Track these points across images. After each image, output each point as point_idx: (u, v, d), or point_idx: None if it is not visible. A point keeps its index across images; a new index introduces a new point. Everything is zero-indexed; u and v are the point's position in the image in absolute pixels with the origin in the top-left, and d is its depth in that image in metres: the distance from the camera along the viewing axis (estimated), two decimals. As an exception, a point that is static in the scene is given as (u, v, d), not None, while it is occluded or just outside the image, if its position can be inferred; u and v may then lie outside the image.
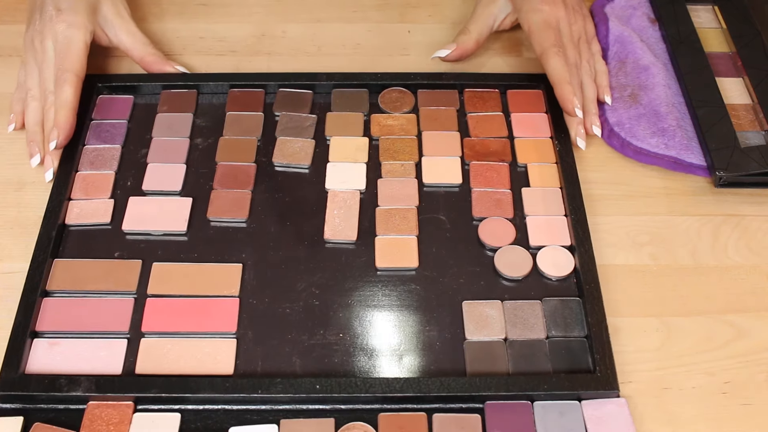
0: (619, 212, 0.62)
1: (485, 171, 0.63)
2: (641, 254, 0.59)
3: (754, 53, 0.69)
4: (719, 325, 0.56)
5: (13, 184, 0.63)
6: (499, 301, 0.56)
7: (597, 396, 0.52)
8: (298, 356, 0.54)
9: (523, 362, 0.54)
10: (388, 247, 0.58)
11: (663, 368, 0.54)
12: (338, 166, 0.63)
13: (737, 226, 0.61)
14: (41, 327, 0.54)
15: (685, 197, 0.63)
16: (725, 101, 0.65)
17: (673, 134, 0.63)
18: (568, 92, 0.62)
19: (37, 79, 0.64)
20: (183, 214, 0.60)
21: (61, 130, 0.61)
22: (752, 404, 0.52)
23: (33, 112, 0.63)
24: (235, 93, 0.67)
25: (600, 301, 0.55)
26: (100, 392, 0.51)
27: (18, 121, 0.64)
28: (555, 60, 0.63)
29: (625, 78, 0.68)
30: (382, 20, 0.75)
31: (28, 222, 0.60)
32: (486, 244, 0.59)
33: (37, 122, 0.63)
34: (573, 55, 0.65)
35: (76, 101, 0.62)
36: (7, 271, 0.58)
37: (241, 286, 0.57)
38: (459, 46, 0.69)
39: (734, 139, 0.62)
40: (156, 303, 0.56)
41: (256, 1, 0.77)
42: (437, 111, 0.66)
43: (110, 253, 0.58)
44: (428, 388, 0.51)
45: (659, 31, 0.72)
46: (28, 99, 0.64)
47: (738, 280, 0.58)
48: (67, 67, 0.62)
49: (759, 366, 0.54)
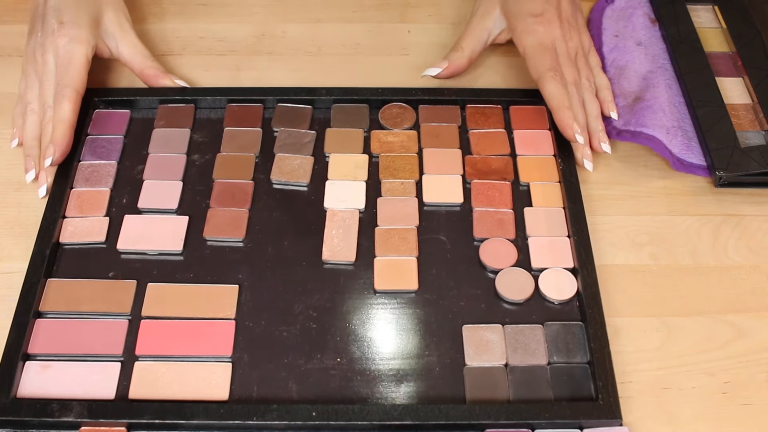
0: (619, 212, 0.62)
1: (487, 190, 0.62)
2: (641, 254, 0.59)
3: (754, 53, 0.69)
4: (719, 325, 0.56)
5: (13, 184, 0.63)
6: (500, 325, 0.55)
7: (599, 425, 0.51)
8: (295, 381, 0.53)
9: (524, 389, 0.53)
10: (387, 268, 0.57)
11: (663, 368, 0.54)
12: (337, 184, 0.62)
13: (737, 226, 0.61)
14: (33, 349, 0.54)
15: (685, 197, 0.63)
16: (725, 101, 0.65)
17: (674, 134, 0.63)
18: (567, 117, 0.61)
19: (37, 93, 0.63)
20: (179, 234, 0.59)
21: (58, 146, 0.60)
22: (752, 404, 0.52)
23: (31, 126, 0.62)
24: (233, 108, 0.66)
25: (603, 326, 0.54)
26: (92, 417, 0.50)
27: (20, 136, 0.63)
28: (551, 85, 0.62)
29: (628, 84, 0.67)
30: (382, 20, 0.75)
31: (28, 222, 0.60)
32: (487, 265, 0.58)
33: (35, 137, 0.62)
34: (572, 74, 0.64)
35: (75, 118, 0.61)
36: (7, 271, 0.58)
37: (237, 308, 0.56)
38: (451, 64, 0.68)
39: (734, 139, 0.62)
40: (150, 325, 0.55)
41: (256, 1, 0.77)
42: (438, 127, 0.65)
43: (105, 272, 0.57)
44: (427, 415, 0.50)
45: (659, 31, 0.72)
46: (27, 112, 0.63)
47: (738, 280, 0.58)
48: (67, 83, 0.61)
49: (759, 366, 0.54)
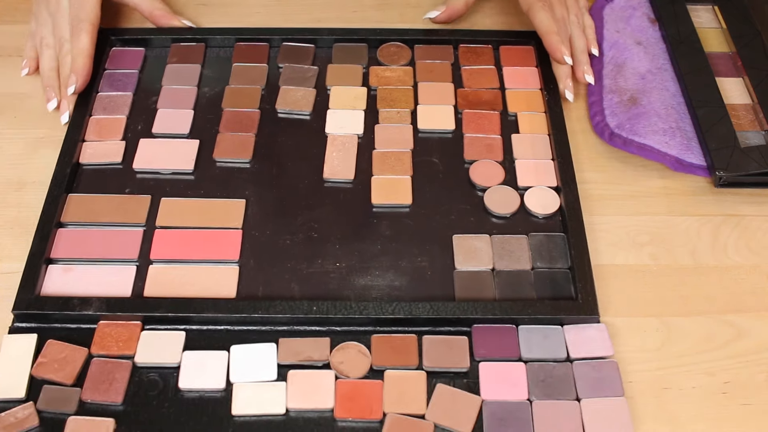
0: (619, 212, 0.62)
1: (477, 119, 0.66)
2: (641, 254, 0.59)
3: (754, 53, 0.69)
4: (719, 325, 0.56)
5: (13, 184, 0.63)
6: (487, 235, 0.59)
7: (578, 321, 0.55)
8: (297, 282, 0.57)
9: (509, 290, 0.57)
10: (383, 185, 0.62)
11: (663, 368, 0.54)
12: (338, 113, 0.66)
13: (737, 225, 0.61)
14: (56, 254, 0.58)
15: (685, 197, 0.63)
16: (725, 101, 0.65)
17: (672, 135, 0.64)
18: (555, 41, 0.65)
19: (51, 28, 0.67)
20: (190, 155, 0.63)
21: (79, 75, 0.64)
22: (752, 404, 0.52)
23: (48, 59, 0.67)
24: (241, 46, 0.71)
25: (583, 236, 0.58)
26: (110, 312, 0.54)
27: (32, 66, 0.68)
28: (541, 13, 0.66)
29: (624, 82, 0.68)
30: (382, 20, 0.74)
31: (28, 222, 0.60)
32: (476, 184, 0.62)
33: (52, 68, 0.66)
34: (560, 11, 0.68)
35: (93, 49, 0.66)
36: (7, 271, 0.58)
37: (244, 220, 0.60)
38: (448, 8, 0.72)
39: (734, 139, 0.62)
40: (164, 234, 0.59)
41: (256, 1, 0.77)
42: (433, 64, 0.70)
43: (121, 189, 0.62)
44: (419, 311, 0.54)
45: (659, 31, 0.72)
46: (42, 47, 0.67)
47: (738, 280, 0.58)
48: (82, 17, 0.66)
49: (759, 366, 0.54)
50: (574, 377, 0.52)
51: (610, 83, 0.68)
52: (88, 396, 0.51)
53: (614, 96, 0.67)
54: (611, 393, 0.52)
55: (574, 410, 0.51)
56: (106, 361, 0.53)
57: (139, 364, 0.53)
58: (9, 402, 0.51)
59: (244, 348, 0.54)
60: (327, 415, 0.51)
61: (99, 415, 0.51)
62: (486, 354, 0.53)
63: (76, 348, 0.53)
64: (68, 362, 0.52)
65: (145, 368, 0.53)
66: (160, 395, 0.52)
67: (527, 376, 0.52)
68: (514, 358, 0.53)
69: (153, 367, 0.53)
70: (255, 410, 0.51)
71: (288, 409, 0.51)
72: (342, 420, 0.51)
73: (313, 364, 0.53)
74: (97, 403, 0.51)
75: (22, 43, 0.71)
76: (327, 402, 0.51)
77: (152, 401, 0.52)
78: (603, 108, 0.66)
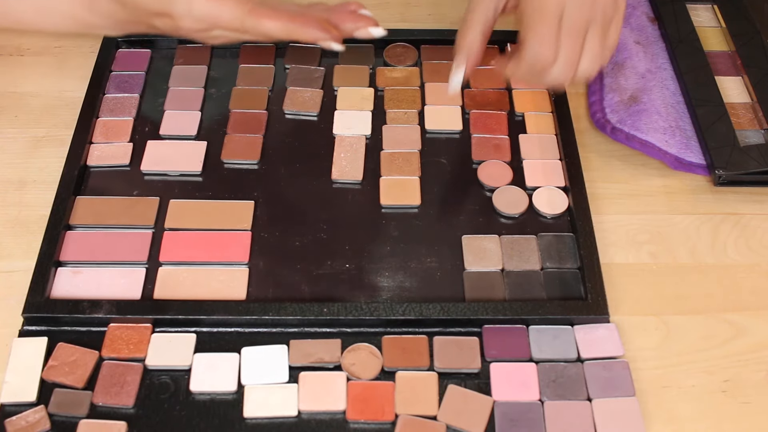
0: (619, 211, 0.62)
1: (485, 119, 0.66)
2: (641, 253, 0.60)
3: (754, 52, 0.69)
4: (719, 324, 0.56)
5: (14, 184, 0.63)
6: (496, 235, 0.59)
7: (588, 321, 0.55)
8: (307, 284, 0.57)
9: (519, 290, 0.57)
10: (392, 186, 0.62)
11: (662, 367, 0.54)
12: (345, 113, 0.66)
13: (737, 224, 0.61)
14: (65, 257, 0.58)
15: (685, 196, 0.63)
16: (725, 100, 0.65)
17: (672, 133, 0.64)
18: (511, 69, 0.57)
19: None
20: (198, 156, 0.63)
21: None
22: (751, 403, 0.52)
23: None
24: (248, 47, 0.71)
25: (592, 236, 0.58)
26: (120, 314, 0.54)
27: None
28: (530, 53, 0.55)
29: (625, 81, 0.67)
30: (382, 20, 0.71)
31: (29, 221, 0.60)
32: (485, 184, 0.62)
33: None
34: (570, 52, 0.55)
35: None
36: (7, 270, 0.58)
37: (253, 221, 0.60)
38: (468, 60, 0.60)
39: (733, 138, 0.63)
40: (173, 235, 0.59)
41: None
42: (439, 65, 0.70)
43: (129, 191, 0.62)
44: (429, 311, 0.54)
45: (659, 30, 0.72)
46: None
47: (737, 279, 0.58)
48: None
49: (758, 364, 0.54)
50: (585, 377, 0.53)
51: (610, 82, 0.68)
52: (100, 399, 0.51)
53: (615, 95, 0.67)
54: (622, 393, 0.52)
55: (586, 410, 0.51)
56: (116, 364, 0.53)
57: (150, 367, 0.53)
58: (20, 405, 0.51)
59: (255, 350, 0.54)
60: (339, 416, 0.51)
61: (110, 419, 0.50)
62: (497, 355, 0.53)
63: (86, 351, 0.53)
64: (79, 365, 0.52)
65: (156, 371, 0.53)
66: (171, 398, 0.52)
67: (538, 376, 0.53)
68: (525, 358, 0.53)
69: (164, 370, 0.53)
70: (267, 412, 0.51)
71: (300, 411, 0.51)
72: (354, 422, 0.51)
73: (324, 365, 0.53)
74: (108, 407, 0.51)
75: (21, 43, 0.70)
76: (339, 404, 0.51)
77: (163, 404, 0.51)
78: (603, 107, 0.67)
